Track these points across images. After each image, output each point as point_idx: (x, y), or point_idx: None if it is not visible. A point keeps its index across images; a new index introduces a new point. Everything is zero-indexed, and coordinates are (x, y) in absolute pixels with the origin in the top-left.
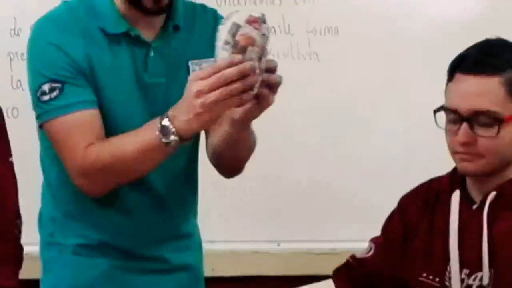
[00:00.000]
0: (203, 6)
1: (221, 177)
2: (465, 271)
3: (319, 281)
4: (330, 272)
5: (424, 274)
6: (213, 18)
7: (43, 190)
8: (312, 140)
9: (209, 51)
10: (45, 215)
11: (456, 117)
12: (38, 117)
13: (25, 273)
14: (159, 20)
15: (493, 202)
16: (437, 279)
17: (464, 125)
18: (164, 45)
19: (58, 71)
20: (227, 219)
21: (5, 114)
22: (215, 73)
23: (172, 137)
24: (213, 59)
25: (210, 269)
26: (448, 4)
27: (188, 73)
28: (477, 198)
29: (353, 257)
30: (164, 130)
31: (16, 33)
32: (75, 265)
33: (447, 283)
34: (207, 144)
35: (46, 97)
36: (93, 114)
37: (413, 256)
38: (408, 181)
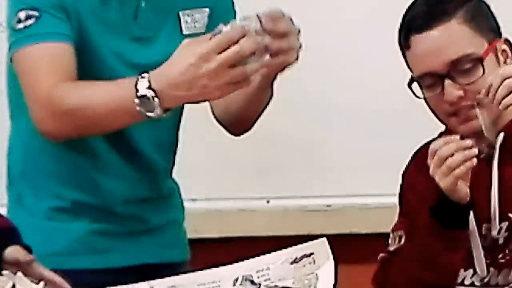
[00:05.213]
0: None
1: (203, 128)
2: (485, 225)
3: (313, 240)
4: (324, 231)
5: None
6: None
7: (11, 142)
8: (304, 92)
9: (200, 2)
10: (13, 170)
11: (433, 79)
12: (9, 48)
13: None
14: None
15: (501, 145)
16: None
17: (447, 82)
18: None
19: None
20: (211, 174)
21: None
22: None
23: (154, 113)
24: (206, 9)
25: (192, 230)
26: None
27: (177, 26)
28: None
29: (386, 251)
30: (145, 102)
31: None
32: (47, 230)
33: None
34: (214, 104)
35: (20, 25)
36: (66, 48)
37: None
38: (405, 133)
